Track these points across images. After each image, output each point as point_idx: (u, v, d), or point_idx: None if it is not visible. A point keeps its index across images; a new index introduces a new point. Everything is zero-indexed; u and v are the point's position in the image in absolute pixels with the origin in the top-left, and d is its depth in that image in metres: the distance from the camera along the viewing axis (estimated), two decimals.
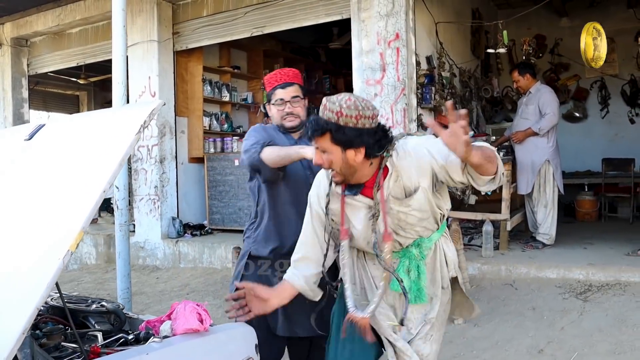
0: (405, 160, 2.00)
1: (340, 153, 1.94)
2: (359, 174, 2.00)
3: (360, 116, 1.91)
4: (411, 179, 1.99)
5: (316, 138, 1.96)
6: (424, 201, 2.01)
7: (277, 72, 2.75)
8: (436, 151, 1.97)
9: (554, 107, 5.46)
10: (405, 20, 5.30)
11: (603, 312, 4.04)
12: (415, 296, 2.06)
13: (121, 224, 3.20)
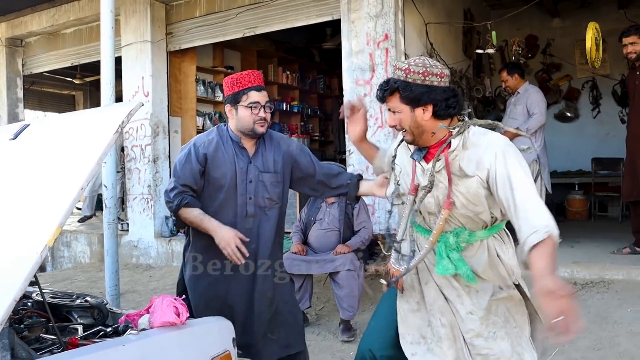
0: (472, 148, 2.03)
1: (409, 112, 2.04)
2: (427, 135, 2.07)
3: (427, 73, 2.00)
4: (469, 166, 2.02)
5: (387, 98, 2.08)
6: (474, 192, 2.01)
7: (249, 73, 2.66)
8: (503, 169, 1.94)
9: (542, 107, 5.52)
10: (394, 21, 5.35)
11: (585, 309, 4.10)
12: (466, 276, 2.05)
13: (109, 222, 3.25)
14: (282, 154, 2.80)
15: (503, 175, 1.92)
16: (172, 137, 7.51)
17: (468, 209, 2.04)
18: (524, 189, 1.89)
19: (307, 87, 9.99)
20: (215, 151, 2.66)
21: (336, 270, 4.30)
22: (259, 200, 2.71)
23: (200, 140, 2.70)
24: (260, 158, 2.75)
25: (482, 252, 2.10)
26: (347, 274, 4.25)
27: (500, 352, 2.08)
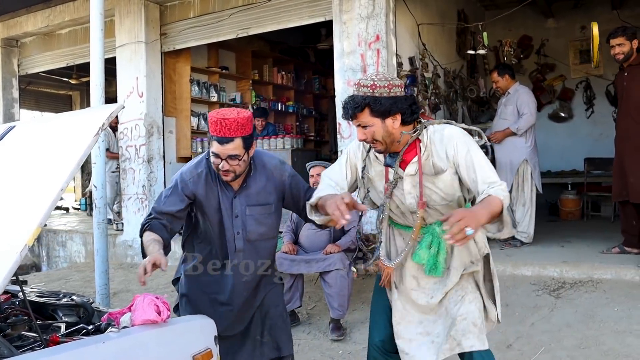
0: (439, 142, 2.24)
1: (380, 123, 2.19)
2: (396, 142, 2.25)
3: (392, 85, 2.18)
4: (441, 159, 2.23)
5: (356, 115, 2.20)
6: (449, 184, 2.25)
7: (219, 120, 2.38)
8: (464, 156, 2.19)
9: (532, 108, 5.56)
10: (386, 22, 5.39)
11: (573, 309, 4.14)
12: (430, 268, 2.30)
13: (99, 222, 3.28)
14: (274, 184, 2.68)
15: (466, 161, 2.18)
16: (166, 137, 7.54)
17: (447, 200, 2.28)
18: (482, 169, 2.17)
19: (303, 87, 10.03)
20: (203, 186, 2.57)
21: (326, 269, 4.33)
22: (249, 235, 2.63)
23: (189, 174, 2.58)
24: (248, 191, 2.63)
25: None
26: (337, 274, 4.28)
27: (466, 312, 2.29)
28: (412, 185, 2.28)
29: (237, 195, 2.60)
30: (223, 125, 2.37)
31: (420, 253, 2.30)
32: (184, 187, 2.55)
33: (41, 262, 8.72)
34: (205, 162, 2.60)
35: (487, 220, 2.00)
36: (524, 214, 5.60)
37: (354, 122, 2.25)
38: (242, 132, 2.41)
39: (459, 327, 2.27)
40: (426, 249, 2.29)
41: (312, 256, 4.47)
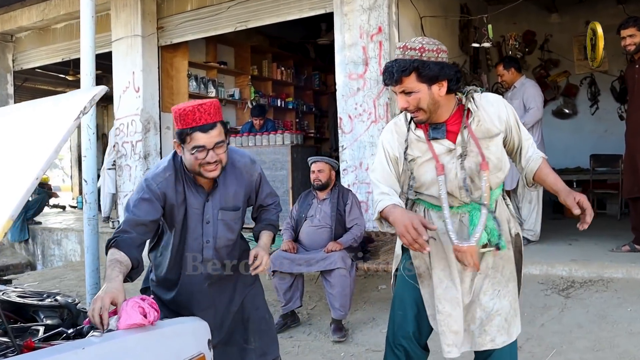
0: (488, 106, 2.19)
1: (427, 89, 2.06)
2: (442, 110, 2.14)
3: (440, 50, 2.07)
4: (494, 122, 2.17)
5: (402, 79, 2.05)
6: (500, 148, 2.19)
7: (194, 108, 2.16)
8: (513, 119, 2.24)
9: (538, 102, 5.39)
10: (388, 14, 5.23)
11: (584, 309, 3.98)
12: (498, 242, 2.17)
13: (89, 218, 3.12)
14: (244, 186, 2.47)
15: (514, 123, 2.23)
16: (163, 133, 7.40)
17: (498, 167, 2.19)
18: (524, 132, 2.29)
19: (302, 83, 9.87)
20: (173, 189, 2.30)
21: (327, 268, 4.17)
22: (219, 242, 2.43)
23: (157, 178, 2.29)
24: (219, 193, 2.40)
25: (501, 208, 2.30)
26: (339, 273, 4.12)
27: (501, 308, 2.25)
28: (473, 151, 2.15)
29: (209, 199, 2.37)
30: (202, 112, 2.15)
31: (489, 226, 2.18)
32: (153, 192, 2.26)
33: (36, 261, 8.56)
34: (172, 165, 2.33)
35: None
36: (530, 212, 5.44)
37: (397, 88, 2.10)
38: (220, 117, 2.24)
39: (494, 323, 2.24)
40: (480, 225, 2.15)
41: (312, 255, 4.30)
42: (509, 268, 2.29)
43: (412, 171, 2.23)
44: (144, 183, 2.30)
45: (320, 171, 4.49)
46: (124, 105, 7.20)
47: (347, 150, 5.39)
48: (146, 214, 2.24)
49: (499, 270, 2.26)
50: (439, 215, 2.24)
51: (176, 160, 2.34)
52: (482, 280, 2.26)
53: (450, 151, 2.16)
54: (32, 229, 8.70)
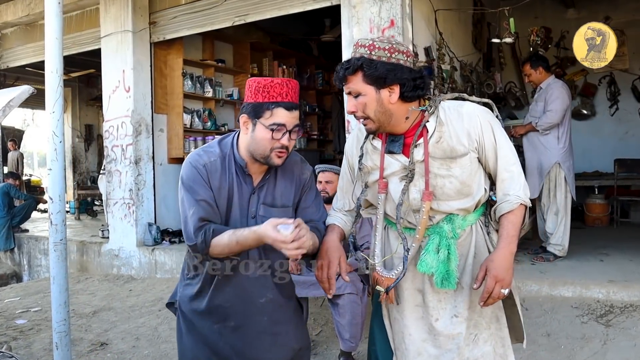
0: (456, 121, 1.89)
1: (374, 93, 1.83)
2: (395, 120, 1.88)
3: (393, 49, 1.83)
4: (460, 141, 1.87)
5: (348, 79, 1.85)
6: (468, 171, 1.89)
7: (283, 82, 1.96)
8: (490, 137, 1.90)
9: (558, 105, 4.88)
10: (401, 6, 4.72)
11: (630, 341, 3.48)
12: (443, 279, 1.89)
13: (56, 243, 2.62)
14: (294, 182, 2.17)
15: (491, 145, 1.90)
16: (157, 135, 6.89)
17: (463, 193, 1.91)
18: (506, 157, 1.92)
19: (305, 82, 9.36)
20: (218, 177, 2.03)
21: (336, 293, 3.66)
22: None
23: (201, 161, 2.03)
24: (268, 188, 2.12)
25: (471, 237, 1.99)
26: (349, 298, 3.62)
27: (481, 356, 1.96)
28: (420, 175, 1.89)
29: (255, 191, 2.09)
30: (289, 89, 1.96)
31: (427, 259, 1.89)
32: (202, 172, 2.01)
33: (22, 271, 8.07)
34: (219, 147, 2.08)
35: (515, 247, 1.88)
36: (557, 224, 4.94)
37: (345, 88, 1.89)
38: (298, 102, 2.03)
39: None
40: (434, 254, 1.90)
41: None
42: (490, 308, 1.96)
43: (367, 183, 2.02)
44: (190, 167, 2.03)
45: (328, 182, 3.99)
46: (114, 106, 6.70)
47: None
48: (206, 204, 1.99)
49: (475, 311, 1.96)
50: (395, 235, 2.02)
51: (223, 145, 2.09)
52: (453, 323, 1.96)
53: (404, 168, 1.92)
54: (19, 237, 8.20)
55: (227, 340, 2.13)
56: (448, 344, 1.95)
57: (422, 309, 1.99)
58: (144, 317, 5.10)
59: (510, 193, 1.90)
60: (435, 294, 1.97)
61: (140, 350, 4.32)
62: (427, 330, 1.98)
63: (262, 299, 2.14)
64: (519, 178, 1.92)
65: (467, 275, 1.96)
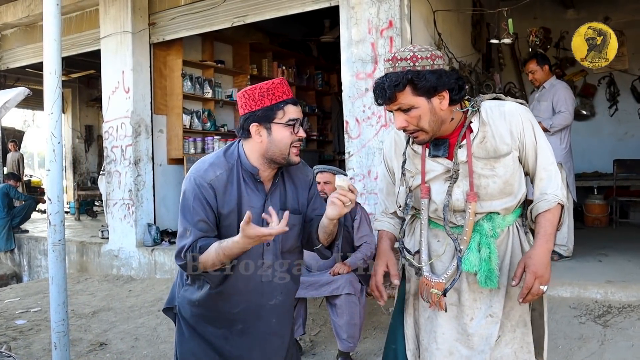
0: (499, 120, 1.90)
1: (426, 104, 1.82)
2: (445, 126, 1.89)
3: (434, 56, 1.81)
4: (504, 140, 1.88)
5: (396, 95, 1.80)
6: (511, 170, 1.89)
7: (281, 81, 2.03)
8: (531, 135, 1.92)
9: (569, 106, 4.90)
10: (400, 7, 4.73)
11: (628, 341, 3.48)
12: (486, 277, 1.89)
13: (55, 243, 2.63)
14: (300, 186, 2.20)
15: (532, 144, 1.91)
16: (156, 136, 6.90)
17: (505, 192, 1.91)
18: (544, 156, 1.93)
19: (304, 83, 9.37)
20: (224, 188, 2.02)
21: (333, 293, 3.67)
22: (280, 246, 2.12)
23: (207, 177, 2.00)
24: (279, 193, 2.13)
25: (508, 238, 2.00)
26: (347, 299, 3.63)
27: (500, 357, 1.95)
28: (463, 176, 1.90)
29: (268, 197, 2.09)
30: (287, 86, 2.04)
31: (470, 258, 1.89)
32: (204, 191, 1.98)
33: (22, 272, 8.08)
34: (223, 161, 2.06)
35: (552, 245, 1.88)
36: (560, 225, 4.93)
37: (391, 106, 1.84)
38: None
39: None
40: (476, 253, 1.90)
41: (317, 277, 3.80)
42: (518, 311, 1.97)
43: (410, 188, 2.01)
44: (193, 184, 2.00)
45: (327, 183, 3.99)
46: (113, 107, 6.71)
47: (355, 157, 4.89)
48: (203, 224, 1.97)
49: (504, 313, 1.96)
50: (434, 234, 2.03)
51: (228, 156, 2.08)
52: (487, 322, 1.96)
53: (447, 170, 1.92)
54: (19, 237, 8.22)
55: (234, 343, 2.13)
56: (481, 344, 1.94)
57: (456, 308, 1.99)
58: (143, 317, 5.10)
59: (548, 192, 1.90)
60: (471, 293, 1.97)
61: (139, 351, 4.33)
62: (459, 330, 1.98)
63: (272, 301, 2.14)
64: (556, 177, 1.93)
65: (503, 276, 1.96)
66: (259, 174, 2.06)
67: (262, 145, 2.02)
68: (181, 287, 2.19)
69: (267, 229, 1.79)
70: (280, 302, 2.17)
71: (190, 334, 2.15)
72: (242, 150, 2.08)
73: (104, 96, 6.86)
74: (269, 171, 2.08)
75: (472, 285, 1.95)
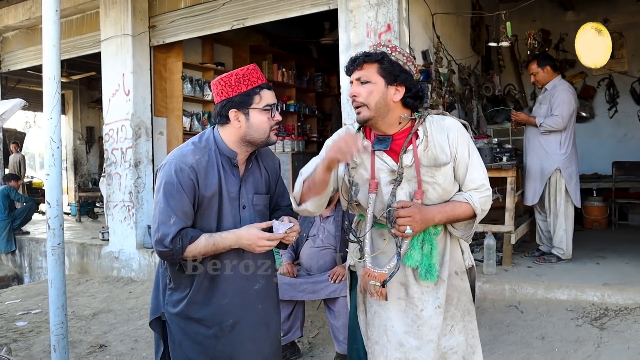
0: (438, 132, 2.04)
1: (382, 85, 1.99)
2: (389, 119, 2.03)
3: (409, 60, 2.04)
4: (443, 150, 2.03)
5: (363, 65, 2.00)
6: (449, 179, 2.04)
7: (254, 67, 2.11)
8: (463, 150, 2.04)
9: (564, 110, 4.84)
10: (398, 10, 4.75)
11: (624, 344, 3.49)
12: (426, 271, 2.02)
13: (54, 247, 2.66)
14: (270, 170, 2.32)
15: (463, 158, 2.05)
16: (156, 139, 6.92)
17: (443, 198, 2.05)
18: (475, 173, 2.07)
19: (305, 85, 9.41)
20: (205, 171, 2.09)
21: (331, 296, 3.70)
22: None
23: (187, 161, 2.06)
24: (252, 177, 2.23)
25: (447, 235, 2.12)
26: (344, 301, 3.64)
27: (457, 345, 2.09)
28: (407, 179, 2.03)
29: (242, 182, 2.18)
30: (260, 71, 2.13)
31: (413, 254, 2.02)
32: (183, 179, 2.04)
33: (23, 273, 8.11)
34: (199, 147, 2.12)
35: (441, 222, 2.03)
36: (556, 228, 4.95)
37: (354, 75, 2.03)
38: None
39: None
40: (419, 249, 2.02)
41: (315, 279, 3.82)
42: (463, 300, 2.14)
43: (353, 179, 2.09)
44: (172, 170, 2.04)
45: None
46: (114, 109, 6.74)
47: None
48: (181, 213, 2.04)
49: (452, 303, 2.10)
50: (380, 233, 2.11)
51: (205, 141, 2.15)
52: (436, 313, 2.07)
53: (392, 172, 2.04)
54: (20, 239, 8.25)
55: (226, 341, 2.17)
56: (430, 334, 2.03)
57: (404, 302, 2.07)
58: (143, 319, 5.13)
59: (467, 192, 2.06)
60: (419, 287, 2.06)
61: (138, 353, 4.36)
62: (409, 323, 2.05)
63: (255, 286, 2.22)
64: (485, 193, 2.06)
65: (445, 270, 2.07)
66: (236, 158, 2.15)
67: (240, 130, 2.11)
68: (164, 295, 2.22)
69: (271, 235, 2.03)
70: (262, 287, 2.25)
71: (181, 339, 2.18)
72: (219, 135, 2.15)
73: (104, 98, 6.89)
74: (244, 155, 2.18)
75: (419, 279, 2.05)
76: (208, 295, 2.15)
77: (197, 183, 2.05)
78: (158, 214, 2.03)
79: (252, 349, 2.21)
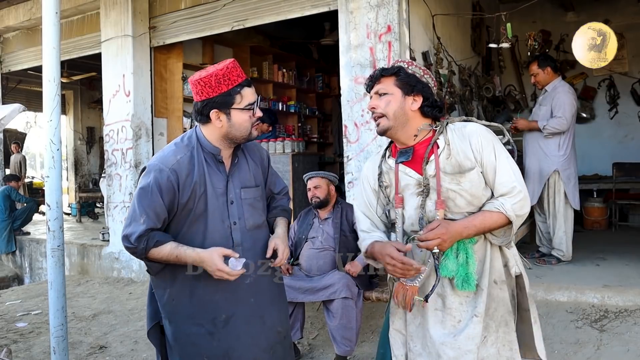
0: (460, 140, 2.04)
1: (400, 96, 2.05)
2: (407, 128, 2.07)
3: (426, 72, 2.11)
4: (468, 157, 2.02)
5: (380, 79, 2.08)
6: (476, 184, 2.02)
7: (234, 63, 2.11)
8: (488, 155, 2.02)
9: (567, 111, 4.82)
10: (398, 12, 4.75)
11: (624, 346, 3.49)
12: (463, 281, 2.00)
13: (53, 249, 2.66)
14: (258, 163, 2.37)
15: (490, 162, 2.02)
16: (157, 139, 6.92)
17: (473, 205, 2.03)
18: (505, 175, 2.02)
19: (305, 85, 9.41)
20: (187, 170, 2.11)
21: (330, 298, 3.70)
22: (246, 223, 2.23)
23: (168, 163, 2.08)
24: (239, 171, 2.26)
25: (486, 243, 2.08)
26: (343, 303, 3.65)
27: (487, 357, 2.03)
28: (434, 189, 2.03)
29: (229, 178, 2.21)
30: (239, 67, 2.13)
31: (448, 264, 2.00)
32: (161, 181, 2.06)
33: (24, 274, 8.12)
34: (182, 147, 2.15)
35: (470, 236, 1.99)
36: (555, 229, 4.94)
37: (373, 89, 2.10)
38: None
39: None
40: (453, 259, 2.01)
41: (314, 282, 3.83)
42: (500, 311, 2.06)
43: (389, 198, 2.15)
44: (152, 171, 2.08)
45: (317, 187, 4.04)
46: (114, 110, 6.75)
47: (353, 161, 4.91)
48: (152, 214, 2.05)
49: (487, 314, 2.04)
50: (413, 244, 2.07)
51: (187, 140, 2.17)
52: (473, 322, 2.02)
53: (418, 184, 2.06)
54: (20, 240, 8.25)
55: (221, 337, 2.18)
56: (468, 344, 2.00)
57: (441, 313, 2.06)
58: (143, 320, 5.12)
59: (498, 201, 2.01)
60: (456, 297, 2.04)
61: (138, 354, 4.36)
62: (445, 334, 2.04)
63: (247, 280, 2.22)
64: (517, 195, 2.00)
65: (485, 278, 2.04)
66: (220, 154, 2.17)
67: (222, 130, 2.13)
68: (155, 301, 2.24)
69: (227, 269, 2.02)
70: (254, 281, 2.24)
71: (175, 343, 2.19)
72: (201, 133, 2.18)
73: (104, 99, 6.90)
74: (229, 150, 2.22)
75: (456, 289, 2.03)
76: (191, 288, 2.16)
77: (177, 185, 2.07)
78: (131, 211, 2.07)
79: (248, 342, 2.22)
